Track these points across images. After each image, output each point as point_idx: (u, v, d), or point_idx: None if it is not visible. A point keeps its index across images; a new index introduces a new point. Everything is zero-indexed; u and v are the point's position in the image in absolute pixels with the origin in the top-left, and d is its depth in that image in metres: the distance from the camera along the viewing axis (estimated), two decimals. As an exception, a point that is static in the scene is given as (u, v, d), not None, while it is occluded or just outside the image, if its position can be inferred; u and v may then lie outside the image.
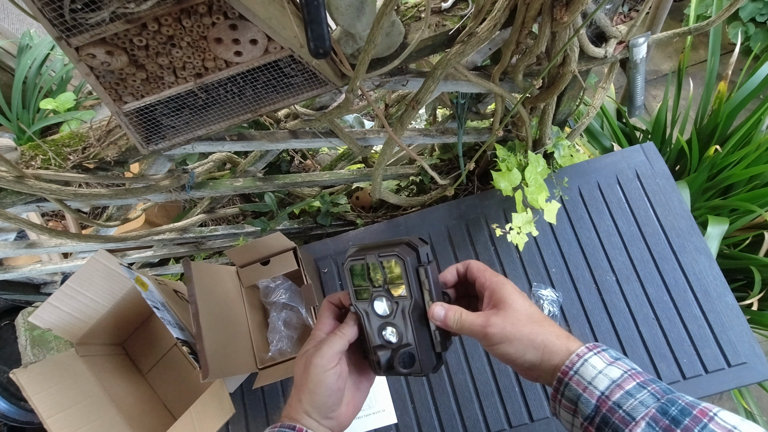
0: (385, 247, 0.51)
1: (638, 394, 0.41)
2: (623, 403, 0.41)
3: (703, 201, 1.39)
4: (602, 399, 0.42)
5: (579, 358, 0.45)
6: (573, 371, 0.45)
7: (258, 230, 1.29)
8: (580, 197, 1.13)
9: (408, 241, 0.52)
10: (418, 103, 0.82)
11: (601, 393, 0.43)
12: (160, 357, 1.13)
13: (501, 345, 0.47)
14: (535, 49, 0.77)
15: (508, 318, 0.47)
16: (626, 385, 0.42)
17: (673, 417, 0.39)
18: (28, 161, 0.78)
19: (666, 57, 2.36)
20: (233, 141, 0.88)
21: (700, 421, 0.38)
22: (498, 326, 0.47)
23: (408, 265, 0.49)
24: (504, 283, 0.50)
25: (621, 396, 0.41)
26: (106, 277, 0.95)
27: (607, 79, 1.03)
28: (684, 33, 0.86)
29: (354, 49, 0.72)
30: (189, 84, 0.63)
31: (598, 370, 0.44)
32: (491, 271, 0.52)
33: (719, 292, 1.01)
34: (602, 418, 0.42)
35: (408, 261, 0.49)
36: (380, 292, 0.52)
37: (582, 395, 0.43)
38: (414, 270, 0.50)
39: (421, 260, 0.51)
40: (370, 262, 0.51)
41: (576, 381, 0.44)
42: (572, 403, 0.45)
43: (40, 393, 0.86)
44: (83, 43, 0.53)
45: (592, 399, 0.43)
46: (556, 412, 0.48)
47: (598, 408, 0.42)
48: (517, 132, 1.12)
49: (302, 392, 0.49)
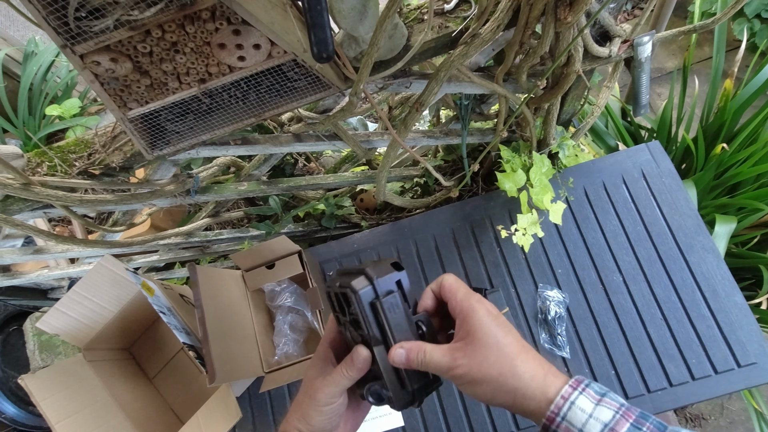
0: (347, 276, 0.47)
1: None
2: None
3: (710, 200, 1.37)
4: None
5: (564, 401, 0.40)
6: (560, 417, 0.40)
7: (263, 233, 1.29)
8: (586, 197, 1.12)
9: (366, 270, 0.46)
10: (422, 105, 0.82)
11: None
12: (167, 361, 1.13)
13: (469, 386, 0.43)
14: (539, 49, 0.76)
15: (476, 356, 0.42)
16: (620, 429, 0.38)
17: None
18: (35, 168, 0.79)
19: (670, 54, 2.34)
20: (237, 145, 0.89)
21: None
22: (464, 367, 0.42)
23: (361, 300, 0.44)
24: (473, 310, 0.44)
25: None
26: (113, 283, 0.96)
27: (612, 78, 1.02)
28: (689, 31, 0.86)
29: (357, 52, 0.71)
30: (193, 89, 0.63)
31: (588, 413, 0.40)
32: (463, 292, 0.46)
33: (728, 291, 1.00)
34: None
35: (360, 296, 0.44)
36: (347, 324, 0.48)
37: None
38: (369, 305, 0.45)
39: (378, 293, 0.45)
40: (332, 293, 0.48)
41: (565, 428, 0.40)
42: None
43: (48, 398, 0.86)
44: (88, 50, 0.53)
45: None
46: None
47: None
48: (521, 132, 1.11)
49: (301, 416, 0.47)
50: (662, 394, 0.95)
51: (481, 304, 0.44)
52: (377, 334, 0.46)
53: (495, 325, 0.43)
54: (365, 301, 0.45)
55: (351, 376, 0.46)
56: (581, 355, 1.00)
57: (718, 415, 1.65)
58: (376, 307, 0.45)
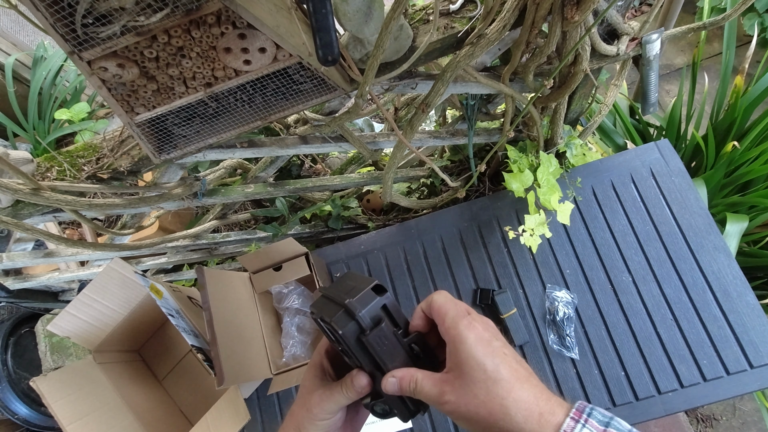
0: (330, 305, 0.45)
1: None
2: None
3: (720, 198, 1.36)
4: None
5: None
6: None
7: (270, 235, 1.29)
8: (594, 197, 1.11)
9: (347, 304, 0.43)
10: (428, 106, 0.82)
11: None
12: (176, 363, 1.14)
13: (458, 422, 0.40)
14: (546, 48, 0.76)
15: (465, 393, 0.39)
16: None
17: None
18: (44, 173, 0.80)
19: (679, 51, 2.32)
20: (244, 148, 0.89)
21: None
22: (452, 404, 0.39)
23: (346, 338, 0.43)
24: (462, 339, 0.40)
25: None
26: (122, 285, 0.97)
27: (620, 76, 1.01)
28: (699, 28, 0.84)
29: (362, 54, 0.71)
30: (199, 93, 0.63)
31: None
32: (451, 316, 0.42)
33: (739, 291, 0.99)
34: None
35: (344, 335, 0.42)
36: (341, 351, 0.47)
37: None
38: (356, 341, 0.43)
39: (363, 327, 0.43)
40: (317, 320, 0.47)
41: None
42: None
43: (59, 401, 0.87)
44: (95, 56, 0.54)
45: None
46: None
47: None
48: (528, 132, 1.11)
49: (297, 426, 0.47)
50: (673, 395, 0.94)
51: (471, 330, 0.40)
52: (369, 365, 0.44)
53: (485, 355, 0.39)
54: (351, 339, 0.43)
55: (350, 397, 0.45)
56: (590, 357, 0.99)
57: (730, 416, 1.63)
58: (362, 343, 0.43)
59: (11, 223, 0.77)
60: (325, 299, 0.47)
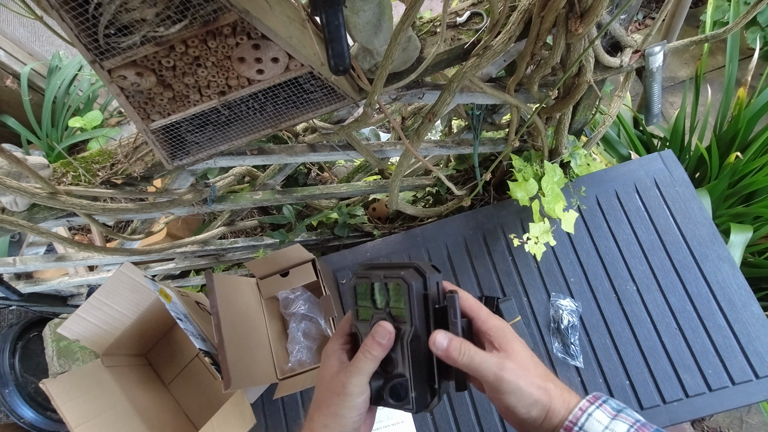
0: (393, 269, 0.48)
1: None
2: None
3: (724, 209, 1.36)
4: None
5: (582, 413, 0.43)
6: (578, 427, 0.43)
7: (277, 242, 1.31)
8: (598, 206, 1.12)
9: (417, 265, 0.48)
10: (435, 116, 0.84)
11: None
12: (182, 368, 1.15)
13: (509, 395, 0.44)
14: (551, 60, 0.78)
15: (521, 365, 0.44)
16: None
17: None
18: (60, 178, 0.82)
19: (683, 63, 2.34)
20: (254, 155, 0.91)
21: None
22: (513, 373, 0.43)
23: (412, 290, 0.45)
24: (505, 327, 0.47)
25: None
26: (132, 289, 0.98)
27: (623, 88, 1.03)
28: (701, 41, 0.86)
29: (371, 65, 0.73)
30: (213, 101, 0.65)
31: (604, 425, 0.42)
32: (486, 310, 0.48)
33: (744, 301, 0.99)
34: None
35: (413, 286, 0.45)
36: (381, 315, 0.48)
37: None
38: (419, 297, 0.46)
39: (428, 287, 0.47)
40: (375, 282, 0.48)
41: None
42: None
43: (68, 403, 0.88)
44: (115, 65, 0.56)
45: None
46: None
47: None
48: (533, 142, 1.12)
49: (330, 417, 0.46)
50: (678, 405, 0.94)
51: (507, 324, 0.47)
52: (422, 326, 0.46)
53: (525, 347, 0.47)
54: (417, 295, 0.46)
55: (376, 356, 0.46)
56: (595, 365, 0.99)
57: (737, 429, 1.61)
58: (427, 300, 0.46)
59: (27, 227, 0.79)
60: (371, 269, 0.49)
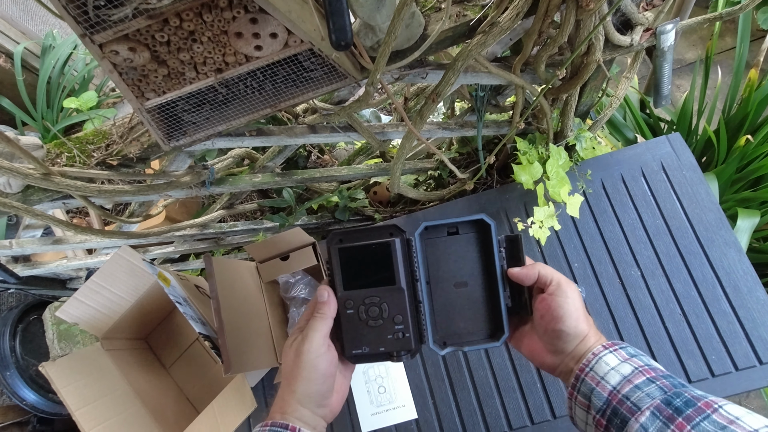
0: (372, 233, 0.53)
1: (646, 387, 0.44)
2: (631, 396, 0.44)
3: (731, 193, 1.34)
4: (613, 393, 0.45)
5: (594, 357, 0.48)
6: (588, 368, 0.48)
7: (277, 225, 1.29)
8: (603, 190, 1.10)
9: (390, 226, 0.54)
10: (438, 96, 0.81)
11: (613, 387, 0.46)
12: (183, 351, 1.14)
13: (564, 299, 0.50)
14: (559, 38, 0.75)
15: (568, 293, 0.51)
16: (636, 380, 0.45)
17: (676, 407, 0.41)
18: (54, 159, 0.80)
19: (690, 45, 2.29)
20: (253, 136, 0.89)
21: (703, 411, 0.40)
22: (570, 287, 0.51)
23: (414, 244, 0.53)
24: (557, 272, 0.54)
25: (630, 389, 0.44)
26: (130, 273, 0.97)
27: (632, 69, 1.00)
28: (714, 18, 0.83)
29: (374, 42, 0.71)
30: (210, 79, 0.63)
31: (611, 366, 0.47)
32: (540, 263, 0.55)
33: (750, 286, 0.98)
34: (612, 409, 0.45)
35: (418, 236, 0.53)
36: None
37: (595, 389, 0.47)
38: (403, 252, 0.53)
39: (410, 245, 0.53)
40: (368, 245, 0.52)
41: (591, 377, 0.47)
42: (586, 398, 0.48)
43: (68, 386, 0.88)
44: (106, 39, 0.53)
45: (604, 392, 0.46)
46: (573, 413, 0.51)
47: (609, 401, 0.45)
48: (538, 124, 1.10)
49: (295, 382, 0.49)
50: (681, 390, 0.94)
51: None
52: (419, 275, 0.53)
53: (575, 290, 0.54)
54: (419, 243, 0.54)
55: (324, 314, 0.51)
56: (597, 350, 0.99)
57: (735, 413, 1.62)
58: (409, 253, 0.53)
59: (21, 209, 0.78)
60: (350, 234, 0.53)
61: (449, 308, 0.55)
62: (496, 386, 0.99)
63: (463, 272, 0.55)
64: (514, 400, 0.98)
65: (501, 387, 0.99)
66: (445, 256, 0.55)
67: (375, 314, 0.52)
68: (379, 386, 1.02)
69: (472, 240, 0.56)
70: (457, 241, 0.56)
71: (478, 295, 0.56)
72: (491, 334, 0.55)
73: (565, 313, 0.50)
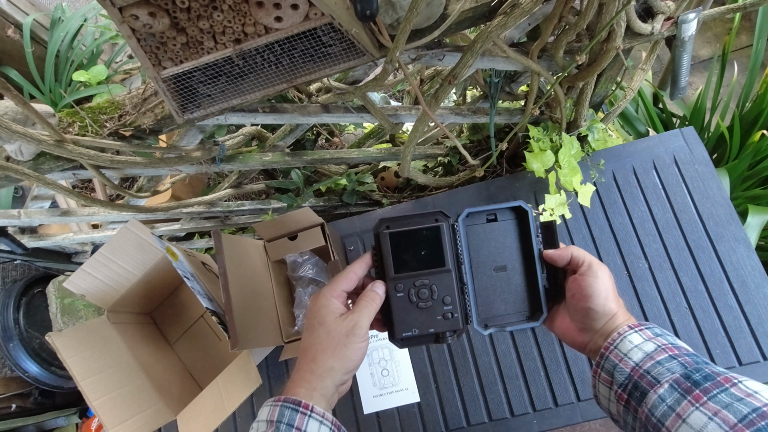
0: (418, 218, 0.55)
1: (667, 363, 0.45)
2: (652, 371, 0.45)
3: (741, 190, 1.34)
4: (635, 368, 0.47)
5: (619, 336, 0.49)
6: (613, 346, 0.49)
7: (285, 206, 1.29)
8: (614, 182, 1.09)
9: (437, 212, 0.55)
10: (455, 78, 0.80)
11: (636, 364, 0.47)
12: (187, 328, 1.15)
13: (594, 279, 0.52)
14: (581, 22, 0.74)
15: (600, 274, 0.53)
16: (658, 357, 0.46)
17: (695, 380, 0.42)
18: (66, 128, 0.79)
19: (705, 42, 2.26)
20: (266, 113, 0.88)
21: (721, 385, 0.40)
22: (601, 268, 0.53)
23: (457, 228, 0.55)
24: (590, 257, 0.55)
25: (651, 365, 0.46)
26: (138, 247, 0.97)
27: (648, 60, 0.99)
28: (737, 9, 0.82)
29: (393, 19, 0.70)
30: (228, 50, 0.62)
31: (635, 344, 0.48)
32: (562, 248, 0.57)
33: (757, 283, 0.98)
34: (633, 383, 0.46)
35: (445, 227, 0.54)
36: None
37: (618, 365, 0.48)
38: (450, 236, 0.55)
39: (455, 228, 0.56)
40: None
41: (615, 354, 0.49)
42: (609, 374, 0.49)
43: (74, 357, 0.88)
44: (127, 3, 0.53)
45: (627, 368, 0.47)
46: (596, 391, 0.52)
47: (630, 376, 0.47)
48: (551, 113, 1.09)
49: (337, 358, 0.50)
50: (684, 382, 0.94)
51: None
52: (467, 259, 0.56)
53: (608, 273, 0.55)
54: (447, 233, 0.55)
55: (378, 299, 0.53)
56: (602, 341, 0.99)
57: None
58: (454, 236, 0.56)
59: (33, 176, 0.77)
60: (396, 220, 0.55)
61: (489, 291, 0.57)
62: (499, 373, 1.00)
63: (502, 256, 0.57)
64: (517, 387, 0.98)
65: (504, 374, 1.00)
66: (485, 242, 0.57)
67: (425, 296, 0.54)
68: (383, 369, 1.03)
69: (510, 226, 0.58)
70: (496, 227, 0.58)
71: (517, 278, 0.58)
72: (530, 315, 0.58)
73: (594, 291, 0.51)
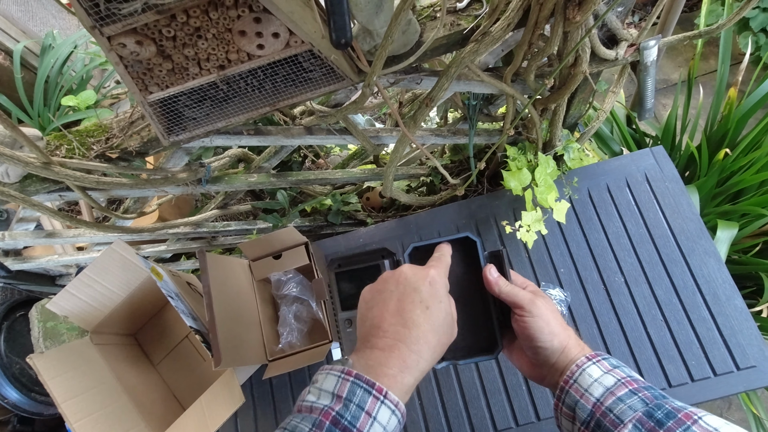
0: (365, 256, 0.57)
1: (628, 399, 0.45)
2: (614, 408, 0.45)
3: (712, 207, 1.39)
4: (597, 405, 0.46)
5: (578, 368, 0.49)
6: (573, 380, 0.49)
7: (270, 226, 1.31)
8: (590, 199, 1.14)
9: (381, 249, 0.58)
10: (432, 101, 0.84)
11: (596, 400, 0.46)
12: (171, 349, 1.15)
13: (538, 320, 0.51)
14: (548, 48, 0.78)
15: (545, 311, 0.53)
16: (618, 392, 0.46)
17: (657, 419, 0.42)
18: (53, 150, 0.81)
19: (676, 66, 2.37)
20: (250, 135, 0.91)
21: (683, 423, 0.40)
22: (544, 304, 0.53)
23: None
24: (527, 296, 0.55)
25: (613, 402, 0.45)
26: (123, 267, 0.98)
27: (618, 84, 1.04)
28: (695, 36, 0.88)
29: (371, 46, 0.74)
30: (212, 75, 0.65)
31: (594, 378, 0.48)
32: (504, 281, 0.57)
33: (728, 294, 1.01)
34: (596, 422, 0.46)
35: None
36: None
37: (579, 401, 0.47)
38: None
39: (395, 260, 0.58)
40: None
41: (575, 389, 0.48)
42: (571, 410, 0.49)
43: (55, 378, 0.88)
44: (115, 32, 0.56)
45: (588, 405, 0.47)
46: (559, 423, 0.52)
47: (593, 413, 0.46)
48: (528, 134, 1.13)
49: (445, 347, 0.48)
50: (661, 394, 0.96)
51: None
52: None
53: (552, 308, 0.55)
54: None
55: None
56: (582, 354, 1.01)
57: (717, 425, 1.64)
58: None
59: (19, 198, 0.79)
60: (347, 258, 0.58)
61: None
62: (482, 388, 1.01)
63: (454, 289, 0.55)
64: (500, 402, 0.99)
65: (487, 389, 1.01)
66: None
67: None
68: (367, 386, 1.03)
69: (460, 257, 0.58)
70: None
71: (470, 310, 0.57)
72: (486, 347, 0.57)
73: (535, 331, 0.52)
